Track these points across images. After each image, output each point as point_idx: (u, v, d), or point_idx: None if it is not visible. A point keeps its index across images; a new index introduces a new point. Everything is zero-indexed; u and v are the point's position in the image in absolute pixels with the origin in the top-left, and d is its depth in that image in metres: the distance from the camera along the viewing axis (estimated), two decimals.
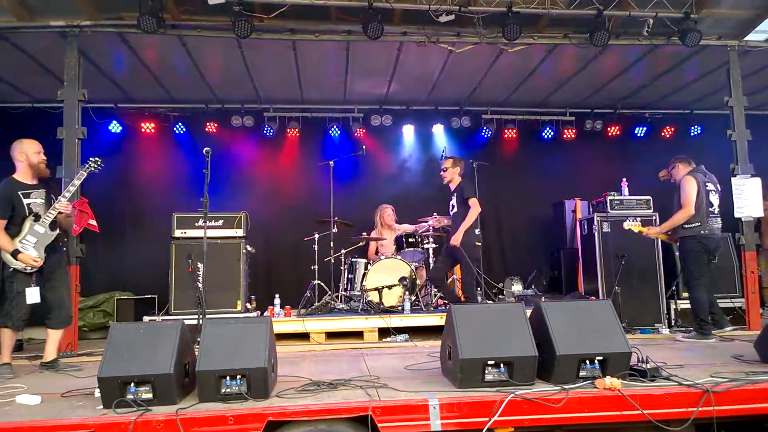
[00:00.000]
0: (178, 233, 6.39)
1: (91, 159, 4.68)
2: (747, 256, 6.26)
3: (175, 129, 8.54)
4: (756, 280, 6.31)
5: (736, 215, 6.26)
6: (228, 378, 3.05)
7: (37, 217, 4.44)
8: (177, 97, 8.31)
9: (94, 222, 5.72)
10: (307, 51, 6.71)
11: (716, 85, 7.62)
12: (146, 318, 6.22)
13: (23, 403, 3.24)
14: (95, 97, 6.94)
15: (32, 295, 4.37)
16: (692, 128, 9.27)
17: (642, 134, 9.28)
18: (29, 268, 4.36)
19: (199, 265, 5.96)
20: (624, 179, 6.96)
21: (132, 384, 3.02)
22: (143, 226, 8.29)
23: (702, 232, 5.55)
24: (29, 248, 4.37)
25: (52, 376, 4.26)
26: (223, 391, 3.05)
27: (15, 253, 4.31)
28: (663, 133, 9.31)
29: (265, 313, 6.38)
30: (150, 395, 3.02)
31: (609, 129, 9.19)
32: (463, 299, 6.39)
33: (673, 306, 6.77)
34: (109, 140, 8.38)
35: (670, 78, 7.86)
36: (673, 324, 6.63)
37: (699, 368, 3.78)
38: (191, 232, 6.33)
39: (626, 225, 6.11)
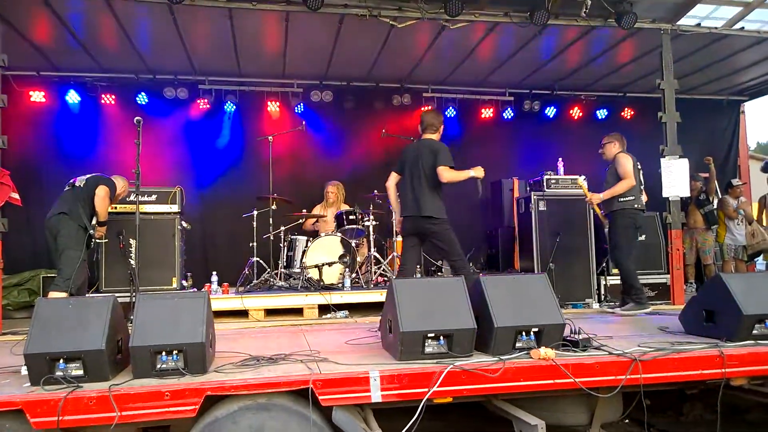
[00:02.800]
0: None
1: None
2: (673, 234, 6.57)
3: (103, 99, 8.08)
4: (681, 257, 6.67)
5: (664, 195, 6.54)
6: (164, 353, 2.94)
7: None
8: (105, 66, 7.86)
9: (16, 195, 5.43)
10: (244, 21, 6.46)
11: (648, 69, 7.94)
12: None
13: None
14: (16, 64, 6.49)
15: None
16: (624, 111, 9.62)
17: (577, 116, 9.55)
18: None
19: (131, 241, 5.70)
20: (560, 159, 7.18)
21: (61, 360, 2.86)
22: None
23: (635, 206, 5.75)
24: None
25: None
26: (158, 366, 2.94)
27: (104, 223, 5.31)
28: (597, 115, 9.61)
29: (202, 290, 6.21)
30: (80, 372, 2.88)
31: (546, 109, 9.40)
32: None
33: (602, 281, 7.07)
34: (31, 110, 7.86)
35: (605, 60, 8.11)
36: (602, 299, 6.93)
37: (627, 339, 3.95)
38: (122, 207, 6.03)
39: (579, 180, 6.23)
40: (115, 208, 6.06)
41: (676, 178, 6.53)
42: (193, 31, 6.80)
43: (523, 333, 3.43)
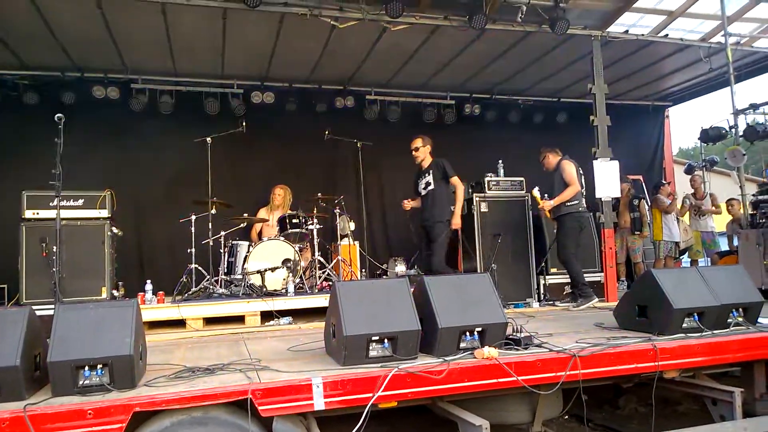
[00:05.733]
0: (29, 214, 5.68)
1: None
2: (606, 234, 6.77)
3: (25, 99, 7.60)
4: (613, 255, 6.88)
5: (597, 195, 6.73)
6: (87, 368, 2.73)
7: None
8: (28, 63, 7.43)
9: None
10: (179, 17, 6.25)
11: (580, 75, 8.20)
12: None
13: None
14: None
15: None
16: (559, 115, 9.91)
17: (516, 120, 9.75)
18: None
19: (55, 248, 5.35)
20: (500, 161, 7.29)
21: None
22: None
23: (580, 209, 6.20)
24: None
25: None
26: (81, 383, 2.73)
27: None
28: (534, 119, 9.84)
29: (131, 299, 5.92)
30: None
31: (486, 114, 9.56)
32: None
33: (542, 281, 7.21)
34: None
35: (540, 66, 8.33)
36: (542, 298, 7.06)
37: (566, 336, 4.03)
38: (45, 213, 5.64)
39: (534, 191, 6.49)
40: (37, 213, 5.71)
41: (607, 179, 6.75)
42: (123, 27, 6.50)
43: (467, 333, 3.43)
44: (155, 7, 5.92)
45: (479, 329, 3.45)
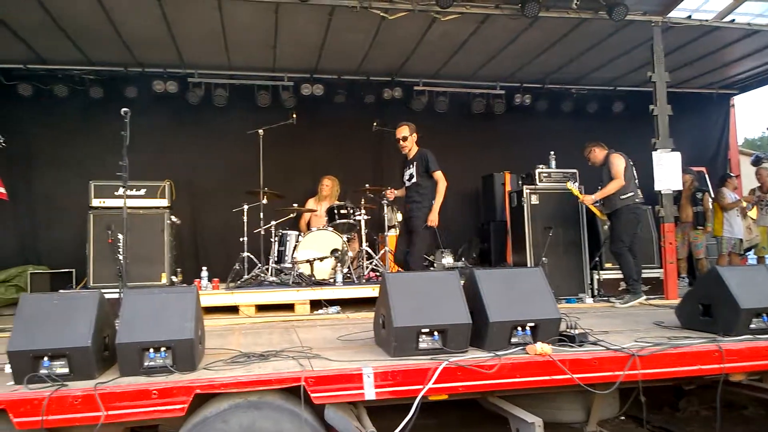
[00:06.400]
0: (96, 202, 6.01)
1: None
2: (666, 228, 6.49)
3: (91, 93, 7.94)
4: (674, 251, 6.60)
5: (656, 188, 6.46)
6: (151, 350, 2.86)
7: None
8: (93, 59, 7.74)
9: (2, 190, 5.34)
10: (233, 12, 6.37)
11: (639, 62, 7.91)
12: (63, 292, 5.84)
13: None
14: (3, 57, 6.38)
15: None
16: (614, 105, 9.58)
17: (568, 110, 9.51)
18: None
19: (120, 236, 5.61)
20: (552, 152, 7.13)
21: (45, 358, 2.78)
22: (58, 195, 7.73)
23: (636, 200, 6.03)
24: None
25: None
26: (146, 364, 2.86)
27: None
28: (588, 109, 9.56)
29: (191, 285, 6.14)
30: (66, 370, 2.80)
31: (537, 104, 9.35)
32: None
33: (596, 276, 7.04)
34: (18, 103, 7.72)
35: (595, 53, 8.06)
36: (596, 294, 6.90)
37: (623, 334, 3.90)
38: (110, 202, 5.96)
39: (568, 185, 6.42)
40: (104, 202, 5.99)
41: (668, 171, 6.46)
42: (182, 23, 6.69)
43: (519, 328, 3.38)
44: (211, 3, 6.06)
45: (531, 324, 3.39)
